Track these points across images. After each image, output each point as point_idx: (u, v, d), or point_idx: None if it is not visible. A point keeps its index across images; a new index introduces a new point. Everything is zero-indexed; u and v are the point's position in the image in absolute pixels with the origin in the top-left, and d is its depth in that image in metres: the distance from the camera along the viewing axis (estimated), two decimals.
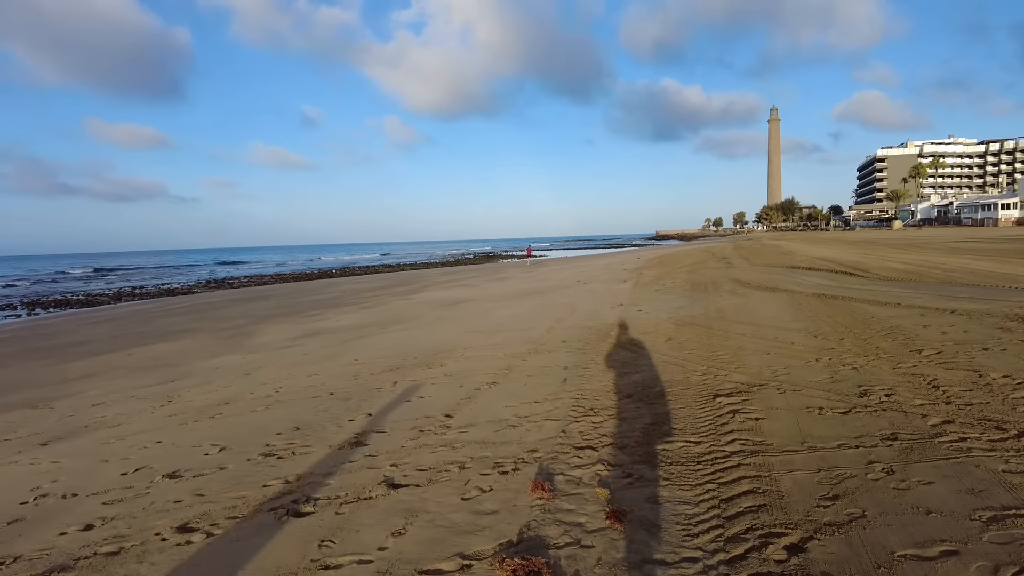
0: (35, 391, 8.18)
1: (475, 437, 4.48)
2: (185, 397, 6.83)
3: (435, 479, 3.76)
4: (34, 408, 7.10)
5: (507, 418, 4.86)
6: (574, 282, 18.62)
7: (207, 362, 9.32)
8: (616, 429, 4.40)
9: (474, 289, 19.56)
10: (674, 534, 2.91)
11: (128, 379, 8.43)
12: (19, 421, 6.46)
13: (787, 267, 18.34)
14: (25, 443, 5.53)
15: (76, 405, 7.01)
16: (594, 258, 40.34)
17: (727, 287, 13.57)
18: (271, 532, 3.21)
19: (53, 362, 10.82)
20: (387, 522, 3.24)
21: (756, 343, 7.09)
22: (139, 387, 7.77)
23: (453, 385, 6.14)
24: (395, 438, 4.63)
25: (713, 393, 5.16)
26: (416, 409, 5.39)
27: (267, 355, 9.38)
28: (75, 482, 4.29)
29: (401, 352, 8.36)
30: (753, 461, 3.68)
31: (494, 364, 6.96)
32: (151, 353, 10.91)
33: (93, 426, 5.91)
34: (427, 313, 13.48)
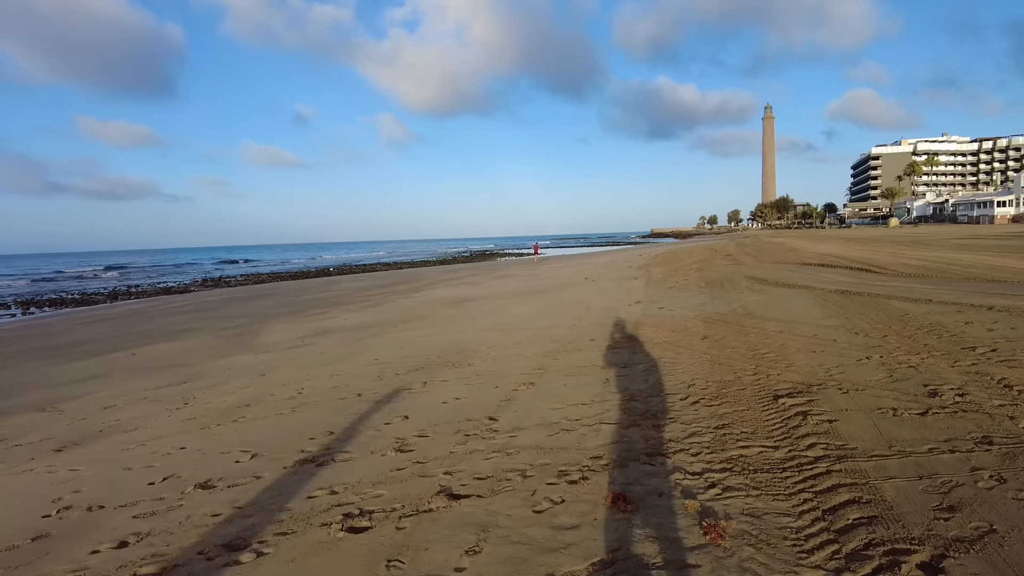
0: (40, 393, 7.81)
1: (528, 442, 4.17)
2: (202, 399, 6.49)
3: (498, 489, 3.45)
4: (42, 411, 6.75)
5: (557, 421, 4.56)
6: (581, 280, 18.35)
7: (217, 362, 8.97)
8: (681, 434, 4.10)
9: (478, 287, 19.25)
10: (785, 550, 2.62)
11: (137, 380, 8.07)
12: (28, 425, 6.11)
13: (797, 264, 18.12)
14: (38, 449, 5.18)
15: (86, 408, 6.66)
16: (594, 256, 40.08)
17: (743, 284, 13.32)
18: (329, 551, 2.90)
19: (55, 362, 10.44)
20: (457, 538, 2.93)
21: (797, 341, 6.81)
22: (150, 389, 7.42)
23: (487, 386, 5.83)
24: (441, 443, 4.32)
25: (772, 394, 4.87)
26: (454, 411, 5.07)
27: (279, 355, 9.04)
28: (99, 493, 3.96)
29: (422, 351, 8.04)
30: (843, 467, 3.39)
31: (525, 364, 6.66)
32: (156, 353, 10.55)
33: (108, 430, 5.57)
34: (437, 311, 13.15)
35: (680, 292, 12.66)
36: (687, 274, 16.89)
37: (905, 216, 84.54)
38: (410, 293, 18.81)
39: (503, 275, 24.47)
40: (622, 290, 14.11)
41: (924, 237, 34.16)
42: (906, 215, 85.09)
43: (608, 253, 43.63)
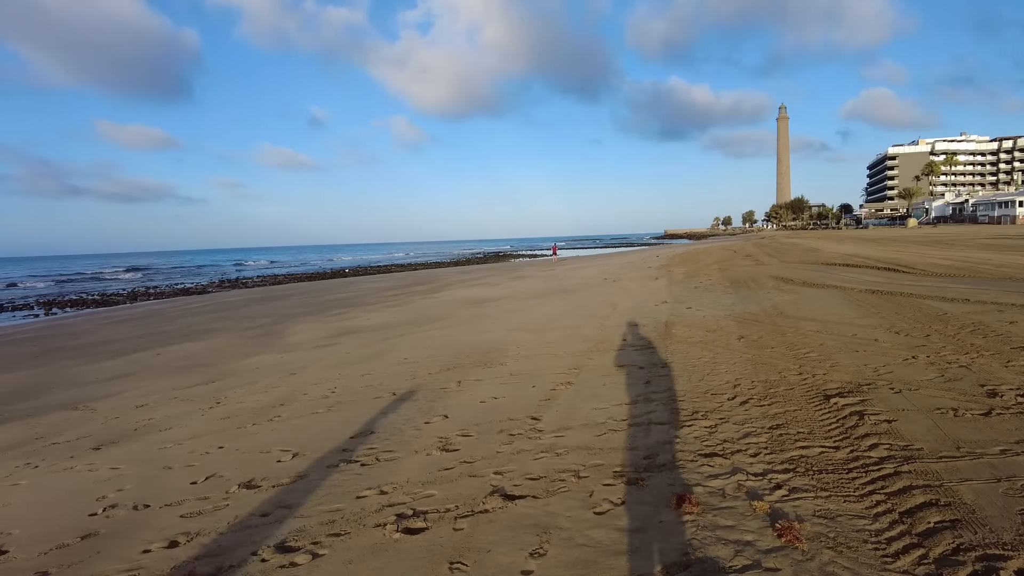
0: (71, 391, 7.81)
1: (576, 442, 4.06)
2: (233, 398, 6.44)
3: (552, 490, 3.35)
4: (74, 409, 6.73)
5: (603, 421, 4.44)
6: (601, 280, 18.20)
7: (244, 362, 8.94)
8: (735, 434, 3.98)
9: (497, 288, 19.16)
10: (867, 554, 2.49)
11: (165, 379, 8.05)
12: (62, 423, 6.09)
13: (821, 264, 17.87)
14: (75, 447, 5.15)
15: (118, 407, 6.64)
16: (610, 257, 39.87)
17: (770, 284, 13.13)
18: (388, 552, 2.81)
19: (82, 362, 10.47)
20: (518, 540, 2.83)
21: (836, 340, 6.65)
22: (180, 388, 7.39)
23: (524, 385, 5.73)
24: (486, 443, 4.22)
25: (821, 393, 4.73)
26: (494, 411, 4.98)
27: (306, 354, 9.00)
28: (142, 492, 3.90)
29: (451, 351, 7.96)
30: (912, 469, 3.26)
31: (559, 363, 6.55)
32: (181, 353, 10.55)
33: (143, 429, 5.53)
34: (458, 312, 13.07)
35: (706, 292, 12.50)
36: (710, 274, 16.70)
37: (923, 216, 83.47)
38: (429, 294, 18.76)
39: (520, 276, 24.37)
40: (645, 290, 13.96)
41: (946, 237, 33.65)
42: (924, 215, 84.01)
43: (624, 254, 43.38)
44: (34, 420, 6.45)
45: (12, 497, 4.06)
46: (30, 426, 6.19)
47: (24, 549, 3.20)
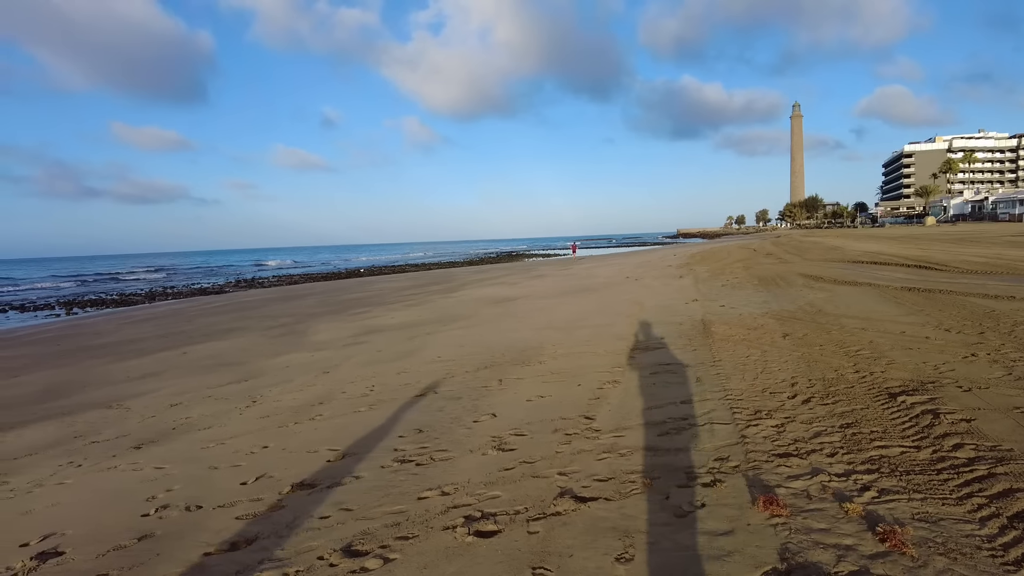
0: (102, 390, 7.75)
1: (638, 442, 3.90)
2: (269, 397, 6.34)
3: (624, 491, 3.19)
4: (109, 408, 6.66)
5: (662, 421, 4.28)
6: (623, 279, 18.01)
7: (272, 360, 8.85)
8: (806, 433, 3.81)
9: (516, 287, 19.01)
10: (985, 562, 2.32)
11: (195, 378, 7.97)
12: (99, 422, 6.01)
13: (846, 262, 17.57)
14: (116, 446, 5.05)
15: (152, 405, 6.56)
16: (627, 256, 39.61)
17: (799, 282, 12.89)
18: (463, 556, 2.67)
19: (109, 360, 10.44)
20: (600, 544, 2.68)
21: (885, 338, 6.45)
22: (212, 387, 7.31)
23: (568, 384, 5.58)
24: (543, 442, 4.08)
25: (885, 392, 4.55)
26: (543, 410, 4.83)
27: (335, 353, 8.90)
28: (192, 492, 3.78)
29: (484, 349, 7.83)
30: (1008, 470, 3.08)
31: (600, 362, 6.39)
32: (207, 352, 10.48)
33: (182, 428, 5.43)
34: (481, 311, 12.94)
35: (735, 290, 12.29)
36: (735, 272, 16.46)
37: (941, 215, 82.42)
38: (448, 293, 18.64)
39: (538, 275, 24.21)
40: (671, 288, 13.76)
41: (970, 235, 33.12)
42: (942, 213, 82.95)
43: (641, 253, 43.12)
44: (70, 419, 6.38)
45: (60, 496, 3.96)
46: (67, 424, 6.12)
47: (80, 550, 3.09)
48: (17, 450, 5.34)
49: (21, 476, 4.54)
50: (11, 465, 4.87)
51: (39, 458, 5.00)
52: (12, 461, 5.00)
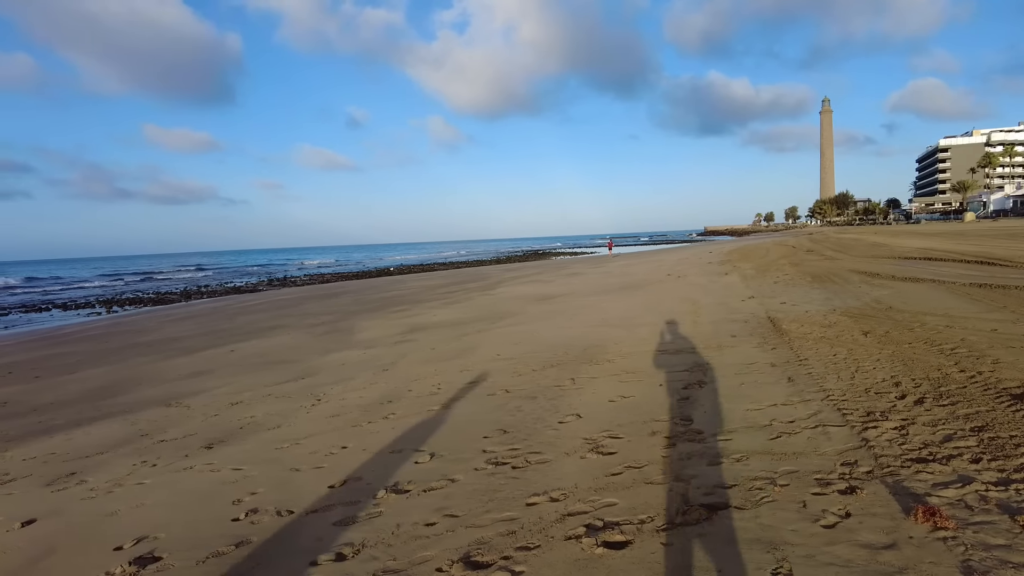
0: (157, 388, 7.69)
1: (749, 446, 3.64)
2: (333, 395, 6.19)
3: (754, 499, 2.94)
4: (168, 406, 6.57)
5: (767, 424, 4.01)
6: (663, 276, 17.64)
7: (325, 358, 8.72)
8: (934, 437, 3.51)
9: (554, 284, 18.77)
10: None
11: (249, 376, 7.87)
12: (162, 420, 5.91)
13: (897, 258, 16.99)
14: (184, 446, 4.92)
15: (212, 404, 6.45)
16: (660, 253, 39.10)
17: (854, 279, 12.43)
18: (598, 570, 2.44)
19: (157, 358, 10.43)
20: (749, 557, 2.44)
21: (978, 336, 6.08)
22: (269, 384, 7.19)
23: (649, 384, 5.32)
24: (642, 445, 3.83)
25: (1007, 393, 4.22)
26: (631, 411, 4.58)
27: (387, 350, 8.74)
28: (279, 495, 3.61)
29: (543, 347, 7.60)
30: None
31: (673, 361, 6.10)
32: (254, 349, 10.42)
33: (249, 428, 5.29)
34: (526, 308, 12.71)
35: (790, 288, 11.88)
36: (783, 269, 16.01)
37: (980, 210, 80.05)
38: (485, 291, 18.47)
39: (573, 273, 23.93)
40: (719, 286, 13.39)
41: (1021, 230, 31.99)
42: (981, 209, 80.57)
43: (674, 250, 42.55)
44: (132, 416, 6.29)
45: (143, 497, 3.82)
46: (130, 422, 6.03)
47: (178, 556, 2.92)
48: (87, 447, 5.25)
49: (97, 475, 4.43)
50: (85, 464, 4.77)
51: (111, 457, 4.89)
52: (84, 459, 4.90)
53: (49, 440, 5.71)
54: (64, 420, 6.49)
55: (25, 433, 6.06)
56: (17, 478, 4.59)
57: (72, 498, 3.98)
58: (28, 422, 6.54)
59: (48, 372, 10.11)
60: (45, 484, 4.38)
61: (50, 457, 5.10)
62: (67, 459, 4.99)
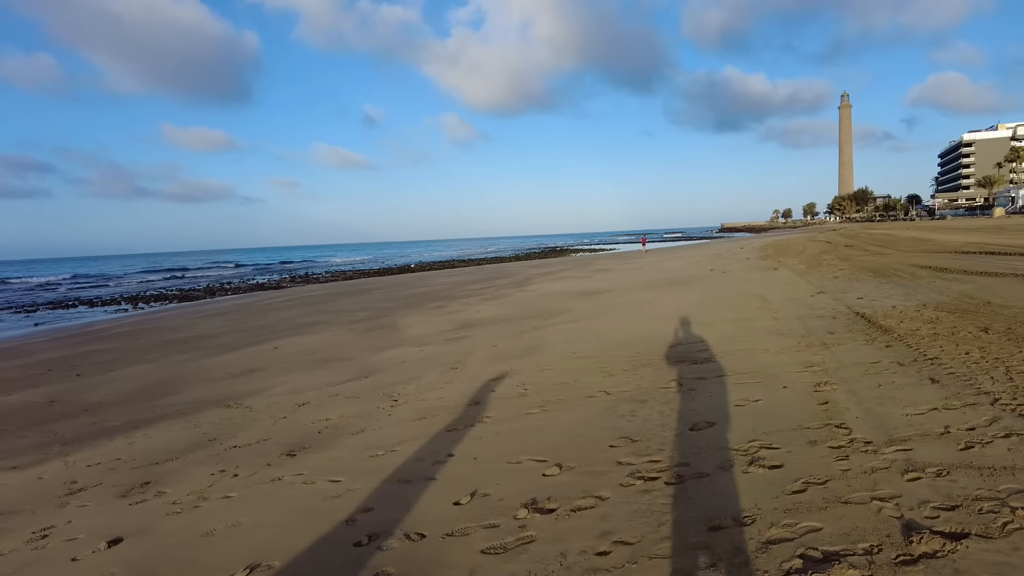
0: (208, 387, 7.27)
1: (943, 459, 3.14)
2: (408, 395, 5.72)
3: (991, 524, 2.40)
4: (227, 407, 6.13)
5: (943, 431, 3.50)
6: (707, 272, 17.05)
7: (380, 356, 8.28)
8: None
9: (588, 281, 18.27)
10: None
11: (304, 374, 7.43)
12: (225, 423, 5.47)
13: (953, 252, 16.30)
14: (262, 452, 4.47)
15: (276, 405, 6.01)
16: (687, 249, 38.41)
17: (921, 273, 11.80)
18: None
19: (198, 356, 10.04)
20: None
21: None
22: (331, 384, 6.74)
23: (770, 386, 4.80)
24: (808, 458, 3.32)
25: None
26: (769, 417, 4.07)
27: (443, 348, 8.28)
28: (397, 514, 3.13)
29: (616, 344, 7.12)
30: None
31: (781, 360, 5.62)
32: (298, 347, 10.00)
33: (329, 432, 4.83)
34: (573, 304, 12.21)
35: (854, 282, 11.28)
36: (834, 264, 15.38)
37: (1009, 205, 78.33)
38: (518, 287, 17.99)
39: (602, 269, 23.40)
40: (776, 281, 12.81)
41: None
42: (1010, 204, 78.85)
43: (701, 247, 41.84)
44: (191, 418, 5.87)
45: (237, 513, 3.36)
46: (192, 425, 5.60)
47: None
48: (153, 452, 4.82)
49: (175, 485, 3.98)
50: (157, 472, 4.33)
51: (183, 464, 4.45)
52: (155, 467, 4.46)
53: (109, 443, 5.29)
54: (119, 421, 6.08)
55: (82, 435, 5.65)
56: (87, 487, 4.15)
57: (154, 513, 3.53)
58: (81, 423, 6.14)
59: (87, 370, 9.75)
60: (119, 495, 3.93)
61: (116, 463, 4.67)
62: (135, 466, 4.55)
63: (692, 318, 8.63)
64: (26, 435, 5.90)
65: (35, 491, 4.21)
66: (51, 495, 4.09)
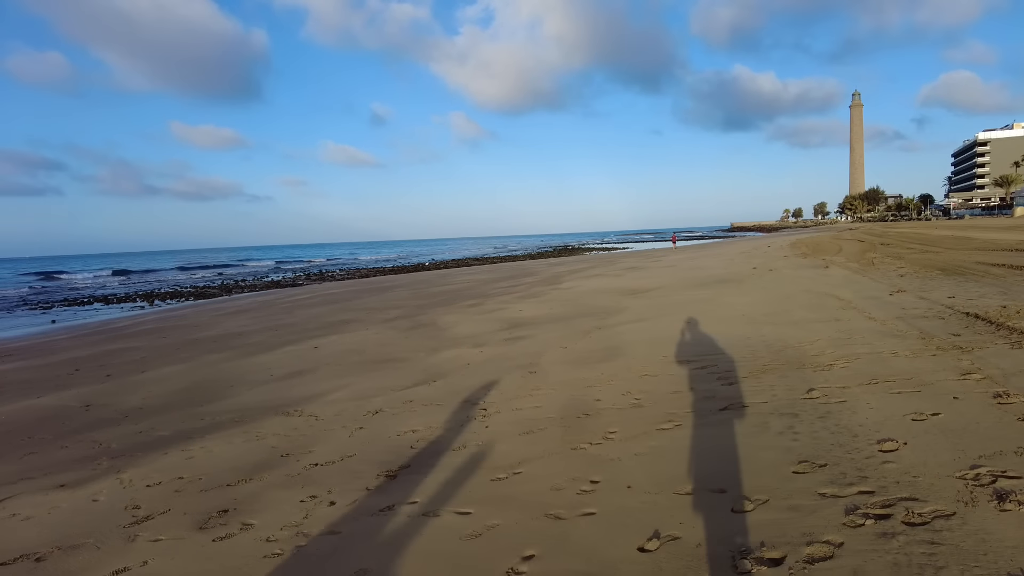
0: (255, 391, 6.66)
1: None
2: (496, 404, 5.10)
3: None
4: (287, 415, 5.49)
5: None
6: (749, 270, 16.35)
7: (436, 357, 7.64)
8: None
9: (622, 279, 17.61)
10: None
11: (361, 377, 6.81)
12: (292, 435, 4.82)
13: (1009, 250, 15.54)
14: (352, 473, 3.83)
15: (344, 412, 5.36)
16: (714, 247, 37.63)
17: (997, 271, 11.10)
18: None
19: (233, 356, 9.40)
20: None
21: None
22: (396, 388, 6.11)
23: (937, 397, 4.16)
24: None
25: None
26: (969, 435, 3.41)
27: (508, 348, 7.64)
28: (567, 561, 2.47)
29: (708, 347, 6.46)
30: None
31: (925, 367, 4.88)
32: (340, 347, 9.36)
33: (425, 448, 4.25)
34: (627, 303, 11.54)
35: (928, 280, 10.57)
36: (890, 262, 14.63)
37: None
38: (551, 284, 17.34)
39: (632, 267, 22.72)
40: (838, 279, 12.09)
41: None
42: None
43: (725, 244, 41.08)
44: (250, 428, 5.22)
45: (360, 559, 2.67)
46: (253, 436, 4.94)
47: None
48: (219, 470, 4.17)
49: (262, 515, 3.32)
50: (232, 496, 3.66)
51: (261, 487, 3.79)
52: (228, 489, 3.80)
53: (164, 457, 4.63)
54: (168, 430, 5.43)
55: (130, 446, 5.00)
56: (154, 514, 3.49)
57: (249, 553, 2.86)
58: (126, 432, 5.49)
59: (117, 370, 9.12)
60: (197, 527, 3.27)
61: (180, 483, 4.01)
62: (204, 487, 3.89)
63: (772, 318, 7.94)
64: (66, 445, 5.26)
65: (93, 518, 3.56)
66: (113, 524, 3.43)
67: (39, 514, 3.70)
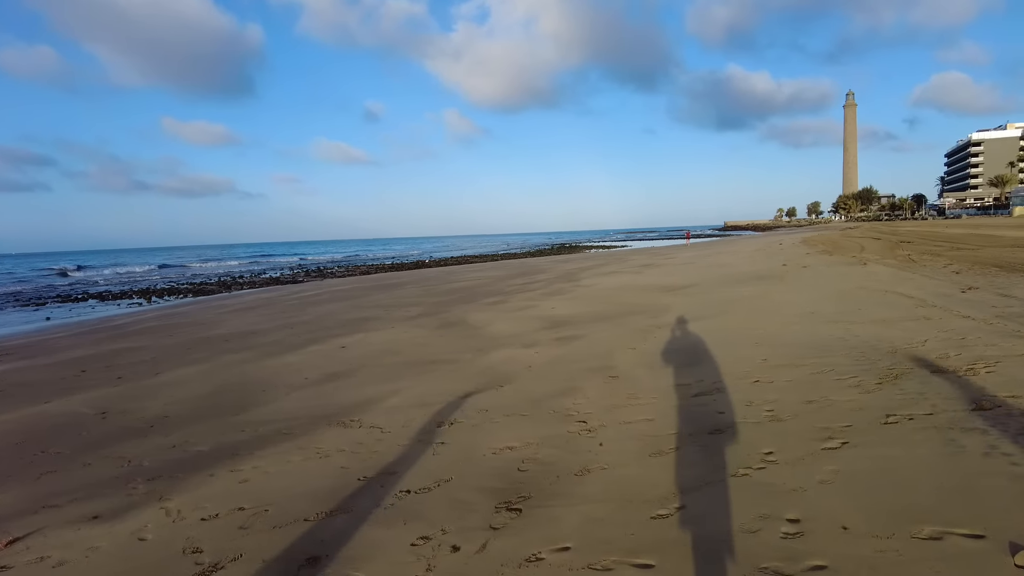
0: (294, 397, 5.96)
1: None
2: (596, 416, 4.36)
3: None
4: (343, 426, 4.80)
5: None
6: (779, 266, 15.76)
7: (486, 358, 6.98)
8: None
9: (641, 275, 17.01)
10: None
11: (412, 381, 6.14)
12: (359, 452, 4.13)
13: None
14: (459, 505, 3.11)
15: (411, 424, 4.67)
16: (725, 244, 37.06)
17: None
18: None
19: (254, 356, 8.66)
20: None
21: None
22: (458, 395, 5.40)
23: None
24: None
25: None
26: None
27: (567, 350, 6.98)
28: None
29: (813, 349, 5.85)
30: None
31: None
32: (369, 347, 8.64)
33: (537, 472, 3.54)
34: (668, 300, 10.91)
35: (993, 278, 10.02)
36: (931, 259, 14.06)
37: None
38: (570, 282, 16.71)
39: (646, 264, 22.09)
40: (886, 275, 11.50)
41: None
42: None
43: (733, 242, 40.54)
44: (304, 442, 4.50)
45: None
46: (313, 453, 4.21)
47: None
48: (287, 499, 3.43)
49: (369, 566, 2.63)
50: (317, 537, 2.93)
51: (350, 522, 3.06)
52: (305, 525, 3.07)
53: (212, 480, 3.89)
54: (206, 445, 4.68)
55: (166, 464, 4.25)
56: (223, 562, 2.76)
57: None
58: (156, 446, 4.74)
59: (127, 371, 8.34)
60: None
61: (243, 517, 3.28)
62: (276, 523, 3.18)
63: (848, 316, 7.32)
64: (90, 462, 4.50)
65: (145, 565, 2.81)
66: (174, 574, 2.68)
67: (74, 558, 2.95)
